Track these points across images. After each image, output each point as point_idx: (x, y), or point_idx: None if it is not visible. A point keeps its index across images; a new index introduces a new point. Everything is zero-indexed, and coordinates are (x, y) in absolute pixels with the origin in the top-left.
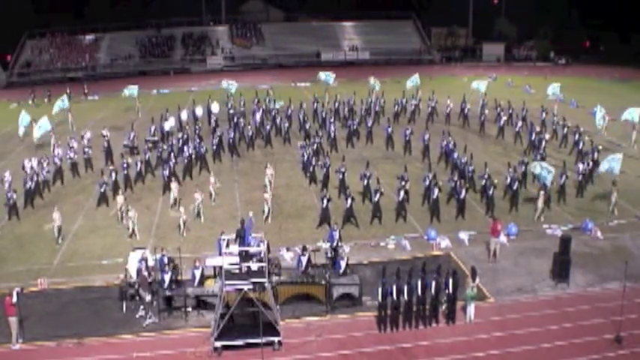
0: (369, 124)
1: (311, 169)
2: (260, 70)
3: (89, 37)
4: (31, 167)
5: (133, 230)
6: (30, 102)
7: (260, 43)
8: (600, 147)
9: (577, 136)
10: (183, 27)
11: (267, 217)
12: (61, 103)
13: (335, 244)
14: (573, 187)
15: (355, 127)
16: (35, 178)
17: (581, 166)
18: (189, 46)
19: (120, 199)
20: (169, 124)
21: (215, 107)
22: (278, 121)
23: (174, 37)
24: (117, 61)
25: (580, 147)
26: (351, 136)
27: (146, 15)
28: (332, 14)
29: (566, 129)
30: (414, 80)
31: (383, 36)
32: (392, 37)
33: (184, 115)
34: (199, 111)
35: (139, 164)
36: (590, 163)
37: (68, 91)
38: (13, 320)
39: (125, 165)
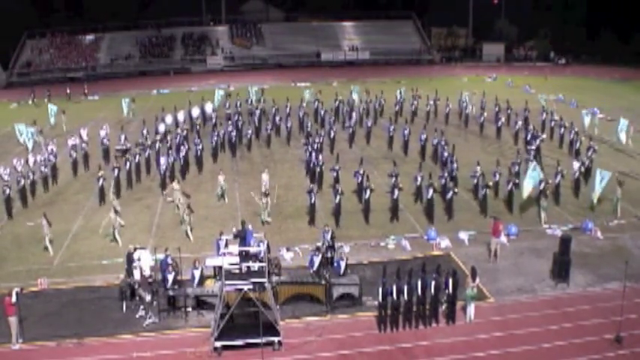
0: (369, 125)
1: (311, 166)
2: (260, 70)
3: (89, 37)
4: (26, 163)
5: (114, 235)
6: (30, 102)
7: (260, 43)
8: (596, 146)
9: (573, 135)
10: (183, 27)
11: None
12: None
13: (326, 244)
14: (571, 187)
15: (353, 127)
16: (32, 177)
17: (576, 165)
18: (189, 46)
19: (115, 202)
20: (166, 123)
21: (209, 107)
22: (277, 120)
23: (175, 37)
24: (117, 61)
25: (577, 146)
26: (352, 136)
27: (146, 15)
28: (332, 14)
29: (563, 129)
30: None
31: (383, 36)
32: (392, 37)
33: (181, 116)
34: (195, 112)
35: (116, 171)
36: (587, 162)
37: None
38: (12, 320)
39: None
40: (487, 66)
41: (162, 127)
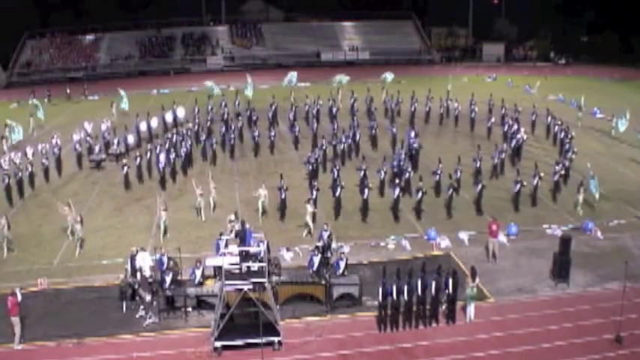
0: (394, 130)
1: (313, 167)
2: (260, 70)
3: (89, 37)
4: (25, 155)
5: (79, 242)
6: (30, 102)
7: (260, 43)
8: (575, 148)
9: (568, 137)
10: (183, 27)
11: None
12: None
13: (323, 243)
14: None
15: (376, 128)
16: (31, 169)
17: (556, 167)
18: (189, 46)
19: (66, 209)
20: (141, 130)
21: (181, 112)
22: (291, 117)
23: (174, 37)
24: (117, 61)
25: (567, 147)
26: (375, 138)
27: (146, 15)
28: (332, 14)
29: (563, 133)
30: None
31: (383, 36)
32: (392, 37)
33: (154, 123)
34: (169, 117)
35: (138, 159)
36: (567, 163)
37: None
38: (16, 320)
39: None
40: (487, 66)
41: (131, 139)
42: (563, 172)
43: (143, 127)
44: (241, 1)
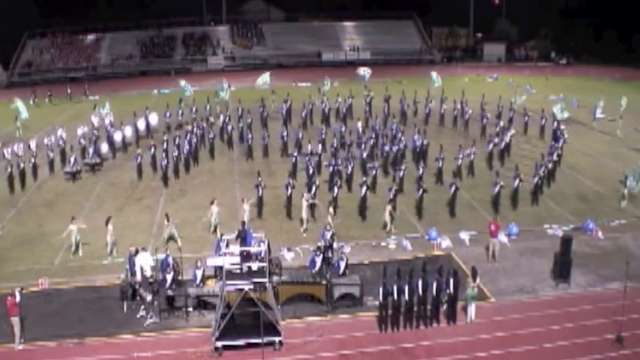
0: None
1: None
2: (261, 70)
3: (90, 37)
4: (29, 148)
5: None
6: (31, 102)
7: (261, 43)
8: (560, 150)
9: (560, 139)
10: (184, 27)
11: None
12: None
13: (325, 243)
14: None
15: (402, 131)
16: (34, 161)
17: (538, 169)
18: (190, 46)
19: (73, 227)
20: (116, 140)
21: (153, 118)
22: (303, 115)
23: (175, 37)
24: (118, 61)
25: (551, 150)
26: (399, 140)
27: (147, 15)
28: (333, 14)
29: (561, 136)
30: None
31: (384, 36)
32: (393, 37)
33: (128, 132)
34: (141, 124)
35: (152, 149)
36: (550, 165)
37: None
38: (16, 320)
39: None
40: (488, 66)
41: (104, 148)
42: (542, 173)
43: (118, 136)
44: (242, 1)
